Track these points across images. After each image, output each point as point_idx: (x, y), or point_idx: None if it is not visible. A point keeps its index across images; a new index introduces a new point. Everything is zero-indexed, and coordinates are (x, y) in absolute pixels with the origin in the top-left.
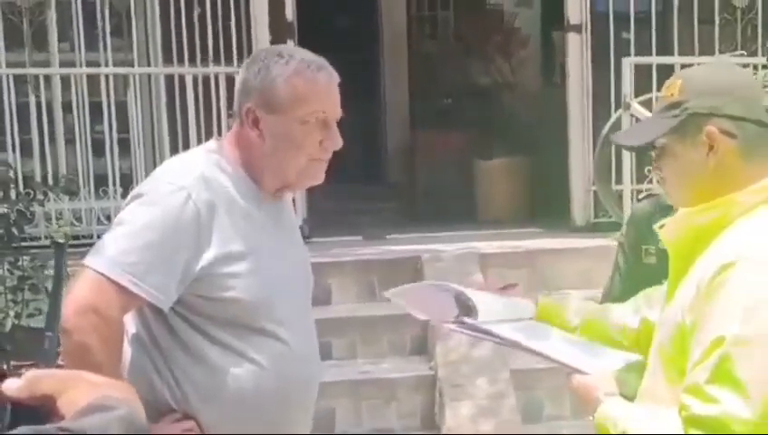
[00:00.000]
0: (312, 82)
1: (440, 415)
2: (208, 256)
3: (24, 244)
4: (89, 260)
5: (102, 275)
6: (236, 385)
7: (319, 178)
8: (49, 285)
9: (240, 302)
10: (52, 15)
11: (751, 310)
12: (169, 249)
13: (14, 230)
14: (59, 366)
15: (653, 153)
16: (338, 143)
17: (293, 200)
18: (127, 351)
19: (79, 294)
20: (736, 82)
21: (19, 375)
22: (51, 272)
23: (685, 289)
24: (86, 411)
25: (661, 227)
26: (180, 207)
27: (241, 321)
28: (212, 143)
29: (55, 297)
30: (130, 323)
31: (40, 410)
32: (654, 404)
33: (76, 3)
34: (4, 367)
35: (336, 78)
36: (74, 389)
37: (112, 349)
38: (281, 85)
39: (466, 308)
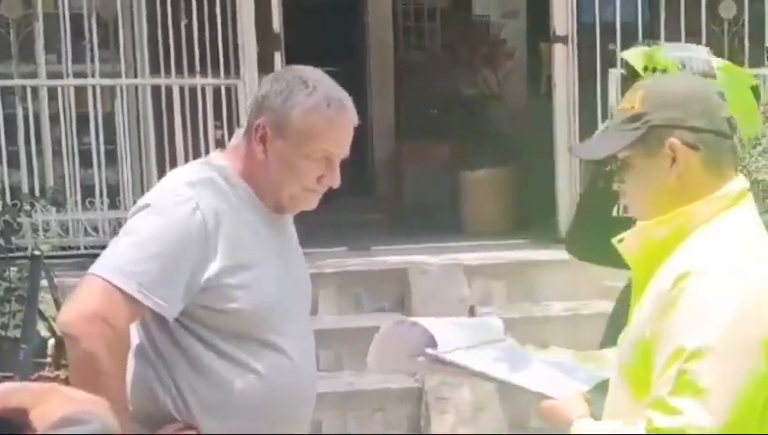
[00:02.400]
0: (329, 121)
1: (426, 427)
2: (214, 266)
3: (10, 255)
4: (96, 268)
5: (110, 283)
6: (239, 396)
7: (310, 206)
8: (37, 298)
9: (244, 313)
10: (39, 27)
11: (707, 320)
12: (176, 259)
13: (1, 241)
14: (40, 378)
15: (613, 166)
16: (336, 182)
17: None
18: (129, 360)
19: (86, 301)
20: (696, 93)
21: None
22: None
23: (645, 303)
24: (59, 424)
25: (620, 241)
26: (187, 217)
27: (244, 332)
28: (218, 154)
29: (30, 310)
30: (133, 333)
31: (12, 423)
32: (618, 420)
33: (63, 14)
34: None
35: (355, 120)
36: (48, 402)
37: (119, 358)
38: (297, 115)
39: (430, 340)
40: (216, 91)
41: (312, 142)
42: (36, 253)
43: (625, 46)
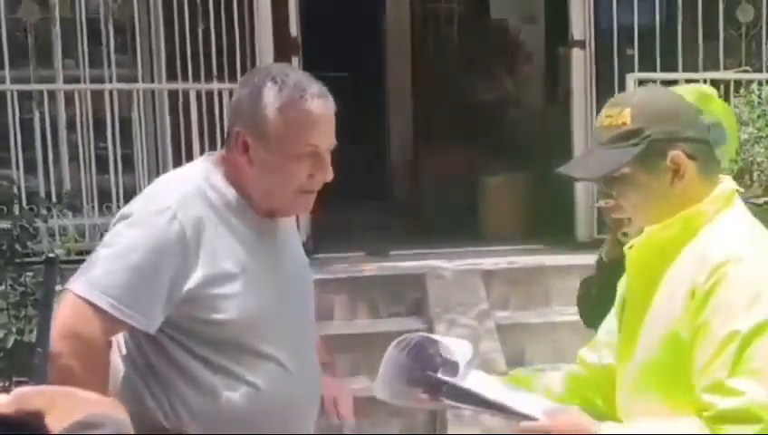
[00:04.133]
0: (307, 113)
1: (442, 431)
2: (196, 276)
3: (27, 260)
4: (71, 283)
5: (82, 298)
6: (231, 407)
7: (306, 208)
8: (52, 301)
9: (231, 323)
10: (56, 32)
11: (755, 301)
12: (153, 271)
13: (18, 246)
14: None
15: (602, 184)
16: (328, 176)
17: (296, 217)
18: (119, 371)
19: (62, 318)
20: (682, 105)
21: (8, 391)
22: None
23: (665, 303)
24: (74, 428)
25: (629, 247)
26: (165, 227)
27: (233, 342)
28: (205, 159)
29: (44, 313)
30: (123, 344)
31: (28, 426)
32: (640, 416)
33: (81, 19)
34: (6, 383)
35: (331, 106)
36: (63, 405)
37: (96, 373)
38: (271, 115)
39: (446, 364)
40: (233, 95)
41: (294, 140)
42: (51, 256)
43: (642, 51)
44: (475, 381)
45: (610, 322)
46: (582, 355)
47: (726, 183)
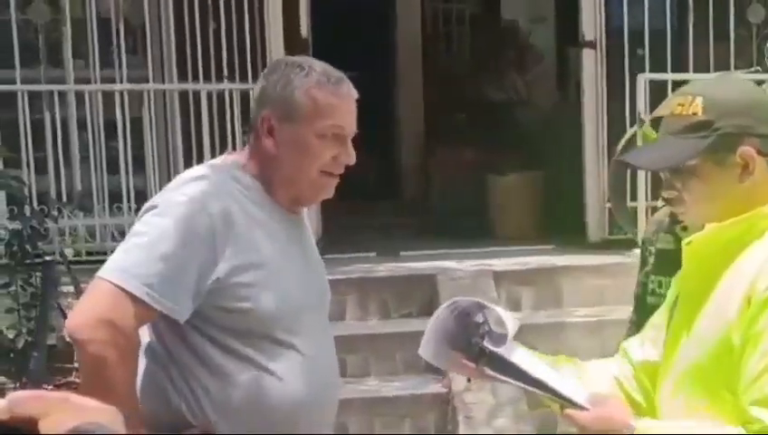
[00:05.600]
0: (333, 95)
1: (453, 431)
2: (223, 266)
3: (37, 260)
4: (104, 272)
5: (118, 287)
6: (254, 397)
7: (329, 192)
8: (62, 303)
9: (255, 312)
10: (67, 32)
11: None
12: (183, 260)
13: (28, 247)
14: (67, 383)
15: (668, 174)
16: (352, 158)
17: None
18: (141, 363)
19: (94, 306)
20: (756, 99)
21: (2, 395)
22: (64, 289)
23: (720, 304)
24: None
25: (688, 243)
26: (193, 217)
27: (256, 332)
28: (227, 155)
29: (43, 316)
30: (144, 335)
31: (19, 433)
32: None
33: (91, 19)
34: (17, 385)
35: (355, 93)
36: (58, 412)
37: (128, 362)
38: (301, 96)
39: (493, 333)
40: (244, 96)
41: (321, 119)
42: (48, 258)
43: (653, 51)
44: (521, 356)
45: (658, 317)
46: (625, 347)
47: None
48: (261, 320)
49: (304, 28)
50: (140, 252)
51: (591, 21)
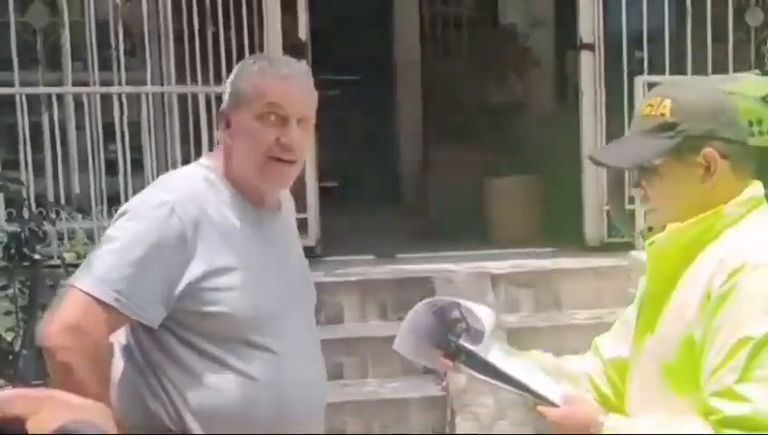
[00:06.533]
0: (273, 78)
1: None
2: (195, 270)
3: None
4: (74, 279)
5: (88, 294)
6: (230, 400)
7: (282, 181)
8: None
9: (228, 316)
10: (65, 35)
11: None
12: (155, 265)
13: (26, 249)
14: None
15: (636, 172)
16: (290, 139)
17: (306, 220)
18: (118, 366)
19: (64, 313)
20: (722, 104)
21: None
22: (62, 292)
23: (681, 305)
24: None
25: (650, 244)
26: (164, 221)
27: (231, 335)
28: (203, 159)
29: (31, 317)
30: (121, 338)
31: (7, 432)
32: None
33: (89, 22)
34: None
35: (299, 75)
36: (45, 410)
37: (98, 368)
38: (244, 82)
39: (471, 331)
40: None
41: (259, 99)
42: (36, 257)
43: (652, 54)
44: (496, 354)
45: (628, 314)
46: (597, 344)
47: (757, 188)
48: (235, 323)
49: (303, 32)
50: (112, 257)
51: (590, 24)
